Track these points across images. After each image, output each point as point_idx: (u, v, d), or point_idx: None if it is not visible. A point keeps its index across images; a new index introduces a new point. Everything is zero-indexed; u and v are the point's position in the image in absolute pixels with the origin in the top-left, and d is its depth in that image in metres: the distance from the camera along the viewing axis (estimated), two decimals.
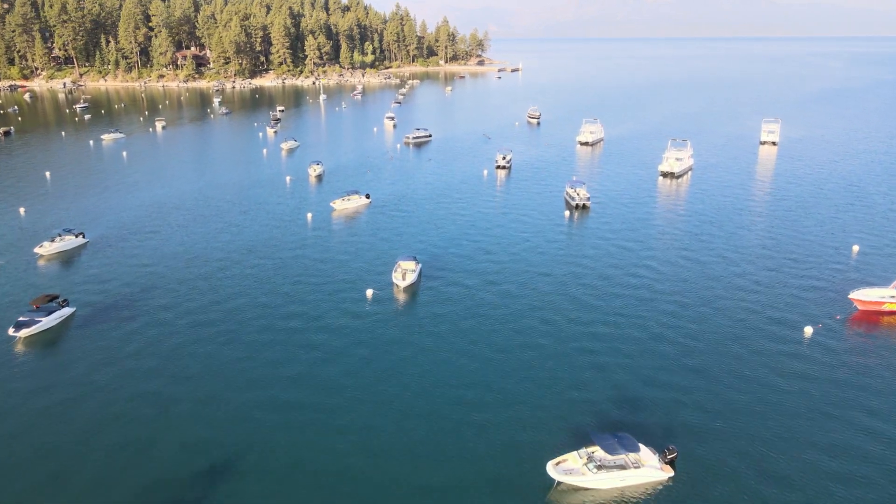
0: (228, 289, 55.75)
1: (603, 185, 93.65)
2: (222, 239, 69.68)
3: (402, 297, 53.85)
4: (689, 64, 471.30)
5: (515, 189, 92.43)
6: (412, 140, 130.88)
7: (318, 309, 51.50)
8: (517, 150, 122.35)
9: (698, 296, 53.66)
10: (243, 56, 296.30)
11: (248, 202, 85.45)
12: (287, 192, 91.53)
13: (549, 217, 77.70)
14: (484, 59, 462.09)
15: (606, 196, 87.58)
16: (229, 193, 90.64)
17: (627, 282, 56.67)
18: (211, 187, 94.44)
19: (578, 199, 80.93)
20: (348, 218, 77.79)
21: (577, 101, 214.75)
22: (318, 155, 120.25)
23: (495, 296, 53.90)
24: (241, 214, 79.51)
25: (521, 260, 62.36)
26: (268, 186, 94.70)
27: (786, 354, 43.98)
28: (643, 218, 77.31)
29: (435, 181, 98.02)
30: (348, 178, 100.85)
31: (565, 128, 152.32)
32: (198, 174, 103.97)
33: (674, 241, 67.89)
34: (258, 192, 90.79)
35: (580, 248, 65.93)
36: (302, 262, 61.98)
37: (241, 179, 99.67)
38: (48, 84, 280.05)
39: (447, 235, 70.26)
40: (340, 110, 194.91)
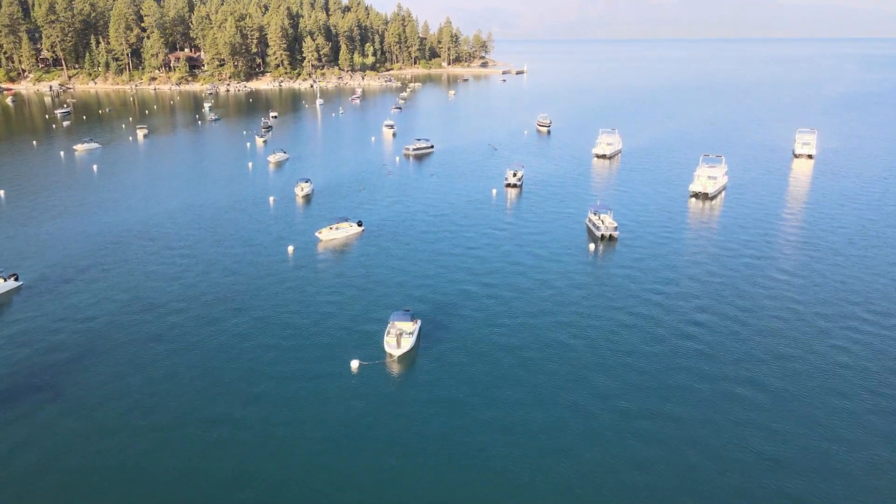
0: (179, 358, 44.59)
1: (628, 208, 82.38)
2: (185, 281, 58.54)
3: (397, 370, 42.71)
4: (700, 66, 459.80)
5: (529, 213, 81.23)
6: (412, 152, 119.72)
7: (286, 391, 40.31)
8: (528, 163, 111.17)
9: (771, 373, 42.38)
10: (238, 58, 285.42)
11: (223, 230, 74.30)
12: (269, 216, 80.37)
13: (570, 251, 66.45)
14: (487, 60, 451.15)
15: (634, 222, 76.35)
16: (204, 218, 79.53)
17: (678, 347, 45.40)
18: (184, 210, 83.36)
19: (604, 229, 69.68)
20: (336, 252, 66.61)
21: (587, 106, 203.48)
22: (309, 169, 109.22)
23: (515, 367, 42.72)
24: (213, 246, 68.35)
25: (543, 312, 51.10)
26: (249, 209, 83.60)
27: None
28: (679, 251, 66.09)
29: (438, 201, 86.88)
30: (340, 197, 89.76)
31: (578, 137, 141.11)
32: (172, 193, 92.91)
33: (723, 285, 56.57)
34: (236, 217, 79.65)
35: (612, 295, 54.65)
36: (277, 317, 50.67)
37: (220, 200, 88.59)
38: (35, 87, 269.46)
39: (453, 277, 59.06)
40: (337, 116, 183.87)
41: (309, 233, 71.79)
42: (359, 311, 51.62)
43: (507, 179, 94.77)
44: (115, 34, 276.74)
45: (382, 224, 75.94)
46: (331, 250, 66.95)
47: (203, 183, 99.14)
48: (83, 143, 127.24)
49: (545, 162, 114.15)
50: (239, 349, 45.47)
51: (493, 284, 57.08)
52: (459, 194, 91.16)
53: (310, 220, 77.70)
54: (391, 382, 41.34)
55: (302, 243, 68.73)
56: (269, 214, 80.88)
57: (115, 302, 53.73)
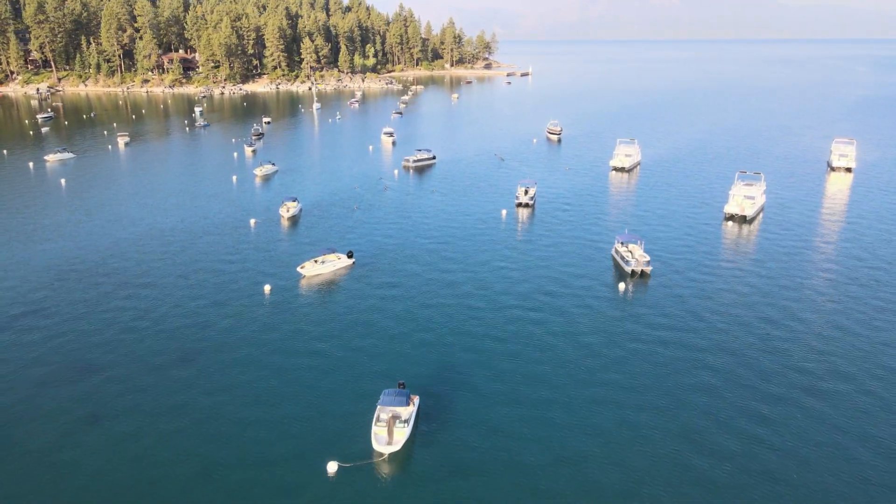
0: (104, 455, 34.63)
1: (656, 233, 72.25)
2: (136, 332, 48.55)
3: (388, 472, 32.72)
4: (707, 68, 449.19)
5: (545, 238, 71.14)
6: (412, 164, 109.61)
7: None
8: (539, 177, 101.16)
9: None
10: (234, 59, 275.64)
11: (192, 261, 64.29)
12: (248, 242, 70.34)
13: (596, 290, 56.36)
14: (491, 62, 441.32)
15: (665, 251, 66.25)
16: (173, 245, 69.56)
17: (750, 451, 35.32)
18: (152, 235, 73.38)
19: (635, 264, 59.57)
20: (320, 291, 56.60)
21: (597, 111, 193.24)
22: (299, 183, 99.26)
23: (547, 465, 32.67)
24: (176, 283, 58.35)
25: (576, 382, 40.99)
26: (226, 234, 73.57)
27: None
28: (723, 290, 56.01)
29: (440, 224, 76.83)
30: (330, 218, 79.74)
31: (592, 146, 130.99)
32: (143, 213, 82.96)
33: (791, 340, 46.45)
34: (211, 245, 69.63)
35: (655, 357, 44.54)
36: (234, 398, 40.44)
37: (196, 222, 78.61)
38: (24, 89, 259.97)
39: (459, 327, 49.01)
40: (334, 122, 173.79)
41: (291, 266, 61.75)
42: (340, 381, 41.52)
43: (517, 198, 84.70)
44: (106, 35, 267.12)
45: (376, 254, 65.88)
46: (315, 289, 56.93)
47: (180, 201, 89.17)
48: (55, 152, 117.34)
49: (558, 176, 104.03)
50: (180, 448, 35.40)
51: (510, 338, 46.99)
52: (465, 215, 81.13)
53: (293, 249, 67.64)
54: (381, 491, 31.27)
55: (281, 280, 58.71)
56: (248, 241, 70.83)
57: (40, 369, 43.71)
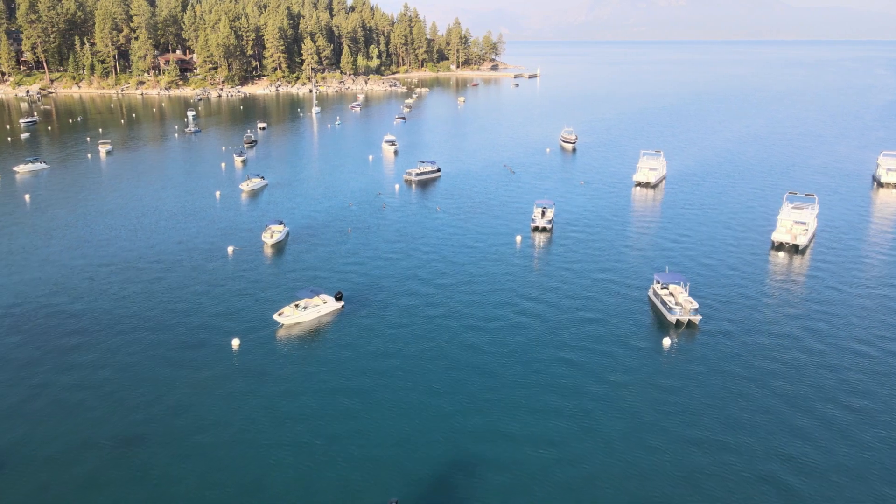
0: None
1: (698, 268, 62.13)
2: (65, 408, 38.83)
3: None
4: (720, 70, 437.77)
5: (567, 272, 61.16)
6: (415, 178, 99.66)
7: None
8: (554, 192, 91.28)
9: None
10: (233, 60, 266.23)
11: (152, 305, 54.41)
12: (222, 277, 60.50)
13: (634, 350, 46.38)
14: (498, 63, 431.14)
15: (710, 290, 56.20)
16: (132, 280, 59.81)
17: None
18: (114, 266, 63.67)
19: (680, 312, 49.50)
20: (300, 346, 46.75)
21: (612, 117, 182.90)
22: (289, 199, 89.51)
23: None
24: (127, 335, 48.57)
25: (629, 474, 31.05)
26: (199, 265, 63.81)
27: None
28: (786, 345, 46.02)
29: (445, 253, 66.91)
30: (320, 244, 69.91)
31: (610, 157, 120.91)
32: (109, 237, 73.27)
33: (874, 408, 36.41)
34: (179, 279, 59.88)
35: (723, 439, 34.56)
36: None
37: (166, 248, 68.86)
38: (15, 91, 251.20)
39: (472, 403, 39.04)
40: (333, 127, 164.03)
41: (268, 310, 51.90)
42: (318, 497, 31.63)
43: (533, 220, 74.67)
44: (100, 35, 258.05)
45: (370, 293, 56.01)
46: (293, 343, 47.06)
47: (153, 221, 79.44)
48: (26, 163, 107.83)
49: (575, 191, 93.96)
50: None
51: (536, 421, 37.03)
52: (473, 240, 71.20)
53: (273, 287, 57.79)
54: None
55: (255, 330, 48.86)
56: (222, 275, 61.03)
57: None
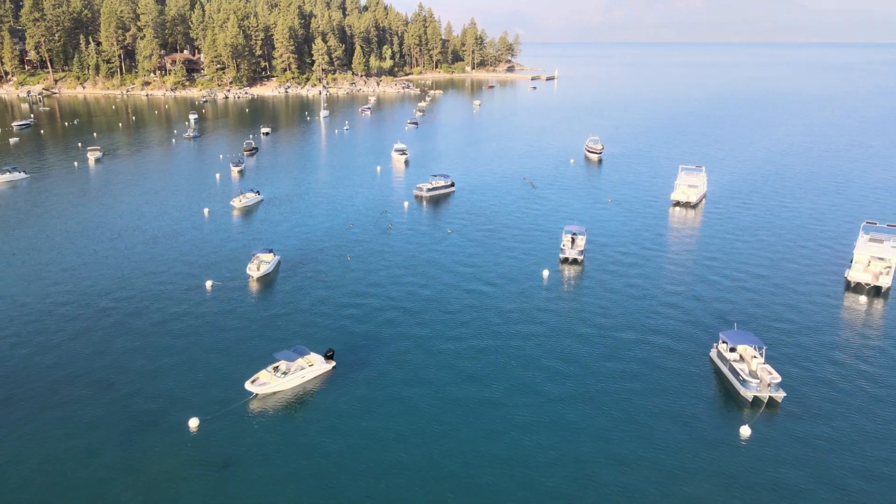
0: None
1: (760, 311, 51.65)
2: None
3: None
4: (744, 73, 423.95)
5: (606, 318, 50.90)
6: (426, 194, 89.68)
7: None
8: (582, 212, 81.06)
9: None
10: (241, 61, 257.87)
11: (106, 362, 44.93)
12: (191, 326, 50.64)
13: (701, 433, 36.08)
14: (514, 64, 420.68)
15: (781, 348, 45.76)
16: (88, 332, 50.39)
17: None
18: (70, 303, 54.26)
19: (757, 386, 39.12)
20: (277, 427, 36.85)
21: (638, 123, 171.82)
22: (285, 219, 79.81)
23: None
24: (65, 405, 39.04)
25: None
26: (170, 304, 54.19)
27: None
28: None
29: (462, 290, 56.87)
30: (314, 276, 60.13)
31: (639, 168, 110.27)
32: (75, 264, 63.95)
33: None
34: (141, 329, 50.21)
35: None
36: None
37: (137, 281, 59.35)
38: (17, 91, 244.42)
39: None
40: (341, 133, 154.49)
41: (240, 375, 42.08)
42: None
43: (562, 250, 64.40)
44: (106, 34, 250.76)
45: (368, 347, 46.05)
46: (268, 421, 37.20)
47: (128, 245, 70.05)
48: (3, 172, 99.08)
49: (605, 211, 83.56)
50: None
51: None
52: (492, 273, 61.12)
53: (253, 340, 47.97)
54: None
55: (221, 402, 39.05)
56: (192, 321, 51.29)
57: None
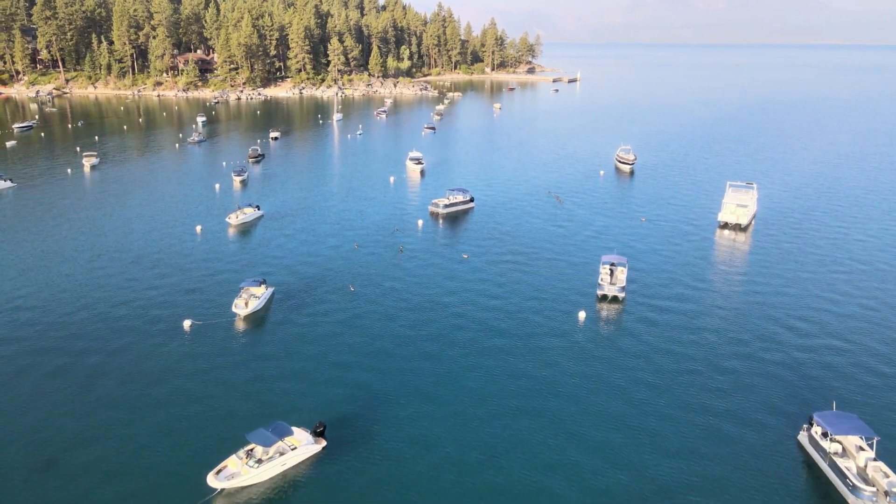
0: None
1: (865, 387, 42.41)
2: None
3: None
4: (772, 75, 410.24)
5: (659, 378, 41.93)
6: (442, 210, 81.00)
7: None
8: (618, 236, 71.98)
9: None
10: (255, 61, 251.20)
11: (40, 438, 36.91)
12: (155, 391, 42.47)
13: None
14: (535, 66, 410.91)
15: (886, 425, 36.65)
16: (39, 393, 42.48)
17: None
18: (22, 341, 46.44)
19: (871, 496, 30.11)
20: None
21: (671, 130, 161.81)
22: (286, 237, 71.49)
23: None
24: None
25: None
26: (136, 356, 46.01)
27: None
28: None
29: (481, 334, 48.23)
30: (310, 313, 51.78)
31: (676, 182, 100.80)
32: (38, 291, 56.14)
33: None
34: (97, 395, 42.21)
35: None
36: None
37: (101, 324, 51.12)
38: (28, 91, 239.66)
39: None
40: (354, 138, 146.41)
41: (205, 461, 33.70)
42: None
43: (600, 285, 55.35)
44: (118, 33, 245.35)
45: (367, 416, 37.51)
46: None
47: (104, 270, 62.15)
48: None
49: (642, 234, 74.30)
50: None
51: None
52: (517, 310, 52.35)
53: (230, 403, 39.68)
54: None
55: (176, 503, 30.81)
56: (158, 386, 43.08)
57: None
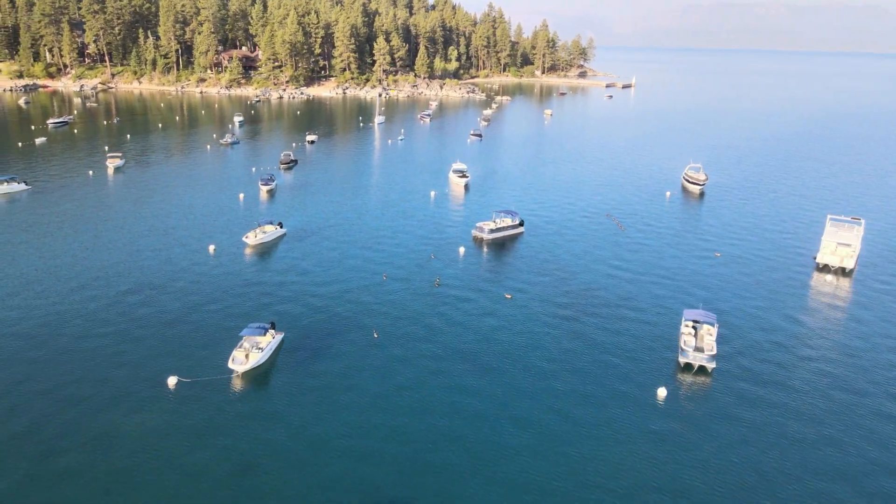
0: None
1: None
2: None
3: None
4: (839, 84, 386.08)
5: (781, 486, 31.15)
6: (488, 236, 70.76)
7: None
8: (692, 276, 60.75)
9: None
10: (299, 59, 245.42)
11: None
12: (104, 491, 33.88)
13: None
14: (586, 70, 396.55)
15: None
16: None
17: None
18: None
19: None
20: None
21: (741, 143, 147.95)
22: (308, 262, 62.37)
23: None
24: None
25: None
26: (104, 422, 37.52)
27: None
28: None
29: (534, 409, 38.13)
30: (322, 372, 42.42)
31: (755, 207, 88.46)
32: (9, 323, 48.36)
33: None
34: (60, 475, 33.67)
35: None
36: None
37: (74, 366, 42.88)
38: (74, 84, 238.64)
39: None
40: (395, 143, 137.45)
41: None
42: None
43: (683, 350, 44.47)
44: (164, 28, 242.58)
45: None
46: None
47: (91, 303, 54.11)
48: (1, 183, 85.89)
49: (720, 273, 62.74)
50: None
51: None
52: (572, 379, 41.96)
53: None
54: None
55: None
56: (130, 479, 34.29)
57: None
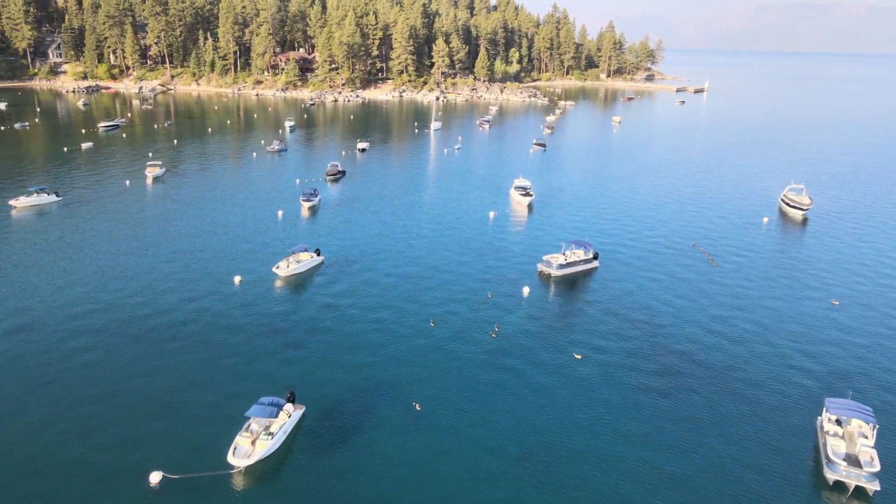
0: None
1: None
2: None
3: None
4: None
5: None
6: (556, 272, 60.00)
7: None
8: (814, 337, 48.73)
9: None
10: (356, 61, 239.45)
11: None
12: None
13: None
14: (654, 73, 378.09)
15: None
16: None
17: None
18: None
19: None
20: None
21: (839, 157, 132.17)
22: (347, 302, 53.26)
23: None
24: None
25: None
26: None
27: None
28: None
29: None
30: (349, 463, 33.01)
31: (872, 238, 74.74)
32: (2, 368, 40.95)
33: None
34: None
35: None
36: None
37: (59, 445, 35.05)
38: (134, 86, 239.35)
39: None
40: (451, 153, 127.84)
41: None
42: None
43: (828, 461, 32.93)
44: (223, 30, 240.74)
45: None
46: None
47: (78, 357, 46.44)
48: (30, 194, 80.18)
49: (852, 338, 50.36)
50: None
51: None
52: (669, 491, 31.18)
53: None
54: None
55: None
56: None
57: None
